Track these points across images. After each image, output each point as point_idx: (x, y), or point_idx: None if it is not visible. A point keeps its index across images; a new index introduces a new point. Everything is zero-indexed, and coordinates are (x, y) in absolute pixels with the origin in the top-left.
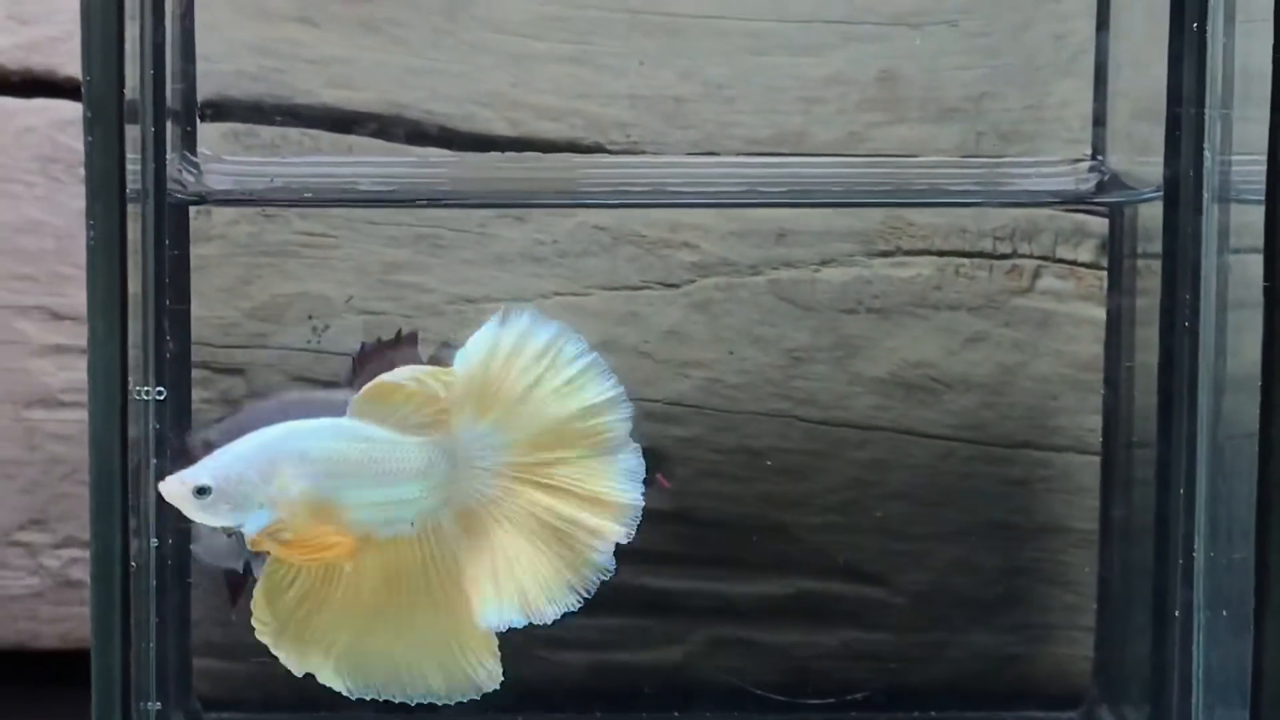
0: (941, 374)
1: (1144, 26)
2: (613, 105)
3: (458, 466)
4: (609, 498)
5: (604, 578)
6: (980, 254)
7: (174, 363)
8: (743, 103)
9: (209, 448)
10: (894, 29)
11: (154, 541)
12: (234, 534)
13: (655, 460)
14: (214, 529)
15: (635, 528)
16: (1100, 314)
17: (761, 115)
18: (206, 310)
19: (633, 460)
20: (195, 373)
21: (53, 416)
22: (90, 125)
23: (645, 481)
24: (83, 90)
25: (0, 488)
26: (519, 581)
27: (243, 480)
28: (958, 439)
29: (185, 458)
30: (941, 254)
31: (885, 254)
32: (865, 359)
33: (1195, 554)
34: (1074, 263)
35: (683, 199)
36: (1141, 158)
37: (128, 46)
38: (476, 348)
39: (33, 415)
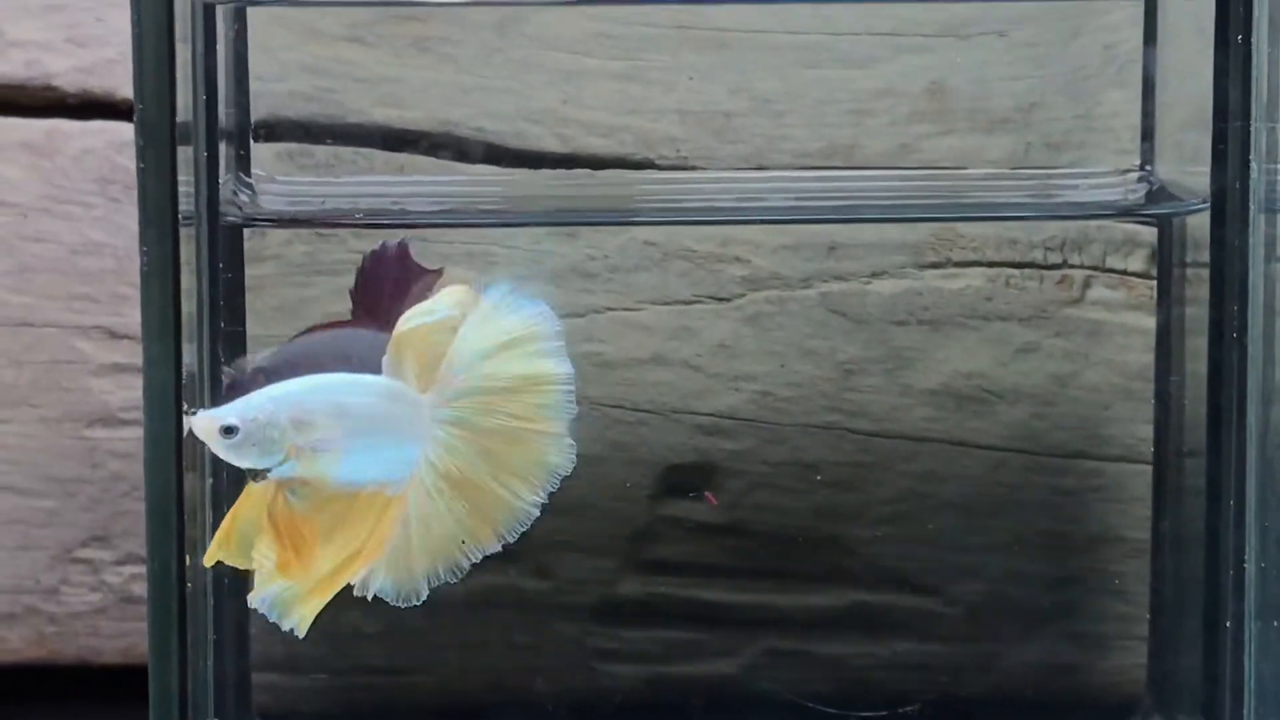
0: (993, 385)
1: (1191, 37)
2: (662, 120)
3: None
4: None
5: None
6: (1030, 265)
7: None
8: (792, 116)
9: (260, 376)
10: (943, 40)
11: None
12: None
13: (706, 473)
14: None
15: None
16: (1151, 323)
17: (811, 129)
18: (263, 330)
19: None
20: None
21: (113, 434)
22: (143, 151)
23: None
24: (135, 115)
25: (62, 505)
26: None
27: (271, 424)
28: (1010, 449)
29: (237, 389)
30: (992, 265)
31: (936, 266)
32: (917, 371)
33: (1246, 564)
34: (1124, 272)
35: (733, 215)
36: (1190, 167)
37: (179, 70)
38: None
39: (94, 433)
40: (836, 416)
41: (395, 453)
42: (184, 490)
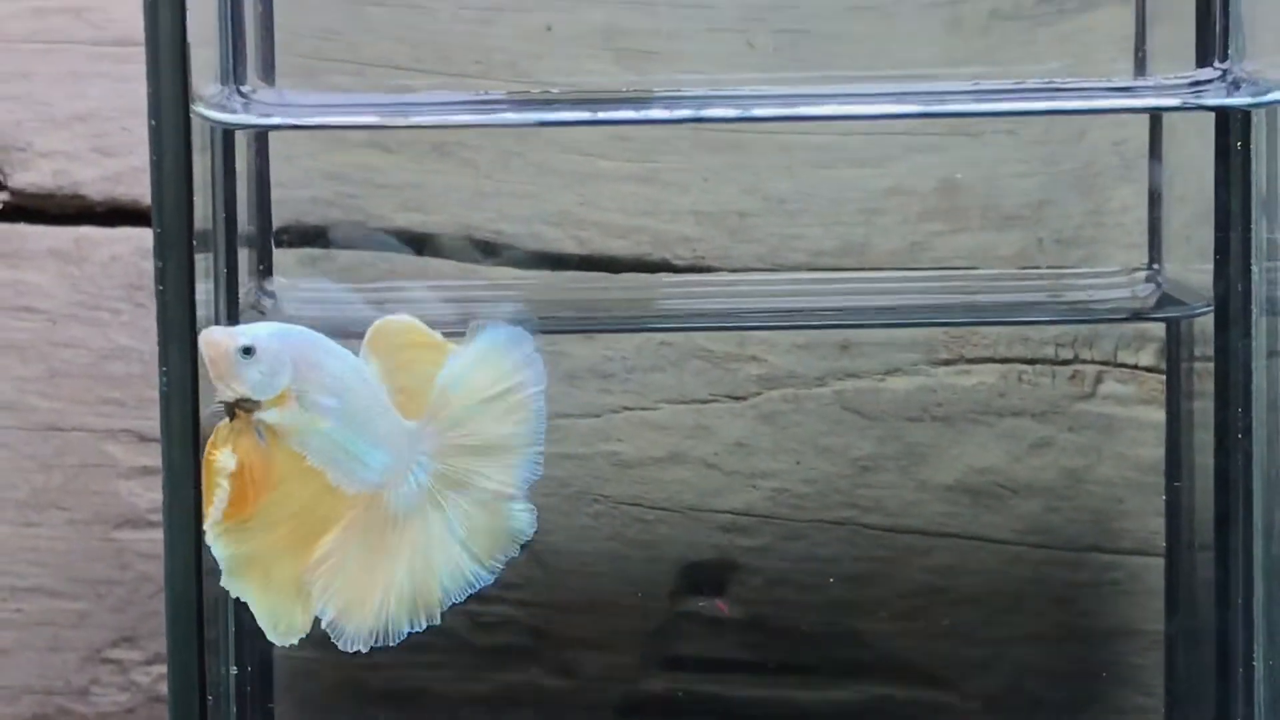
0: (1007, 480)
1: (1194, 138)
2: (678, 221)
3: (413, 454)
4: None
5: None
6: (1042, 360)
7: None
8: (806, 215)
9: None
10: (953, 139)
11: (234, 669)
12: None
13: (725, 571)
14: None
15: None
16: (1163, 417)
17: (825, 227)
18: None
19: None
20: None
21: (141, 536)
22: (161, 273)
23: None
24: (153, 233)
25: (91, 606)
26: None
27: (284, 350)
28: (1024, 544)
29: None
30: (1004, 361)
31: (948, 363)
32: (931, 466)
33: (1255, 662)
34: (1135, 367)
35: (749, 319)
36: (1198, 265)
37: (198, 178)
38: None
39: (122, 535)
40: (852, 512)
41: (372, 459)
42: (204, 600)
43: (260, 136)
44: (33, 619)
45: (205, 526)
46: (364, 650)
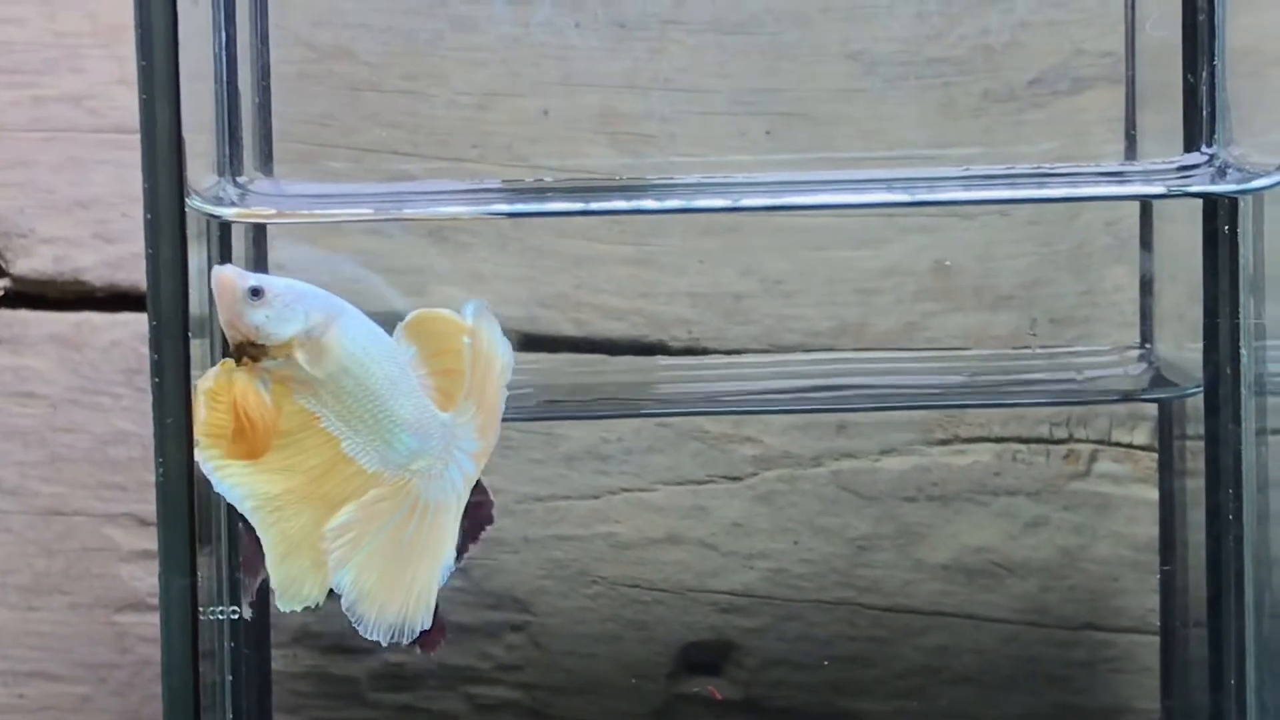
0: (1003, 559)
1: (1185, 222)
2: (674, 303)
3: (447, 448)
4: None
5: None
6: (1037, 440)
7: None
8: (801, 296)
9: None
10: (947, 219)
11: None
12: None
13: (723, 651)
14: None
15: None
16: (1158, 496)
17: (820, 308)
18: None
19: None
20: None
21: (142, 620)
22: (157, 365)
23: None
24: (149, 325)
25: (93, 690)
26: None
27: (297, 302)
28: (1021, 622)
29: None
30: (999, 440)
31: (944, 442)
32: (927, 546)
33: None
34: (1130, 446)
35: (745, 401)
36: (1190, 344)
37: (194, 267)
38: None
39: (123, 619)
40: (849, 592)
41: (398, 441)
42: (200, 691)
43: (258, 225)
44: (35, 704)
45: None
46: (384, 644)
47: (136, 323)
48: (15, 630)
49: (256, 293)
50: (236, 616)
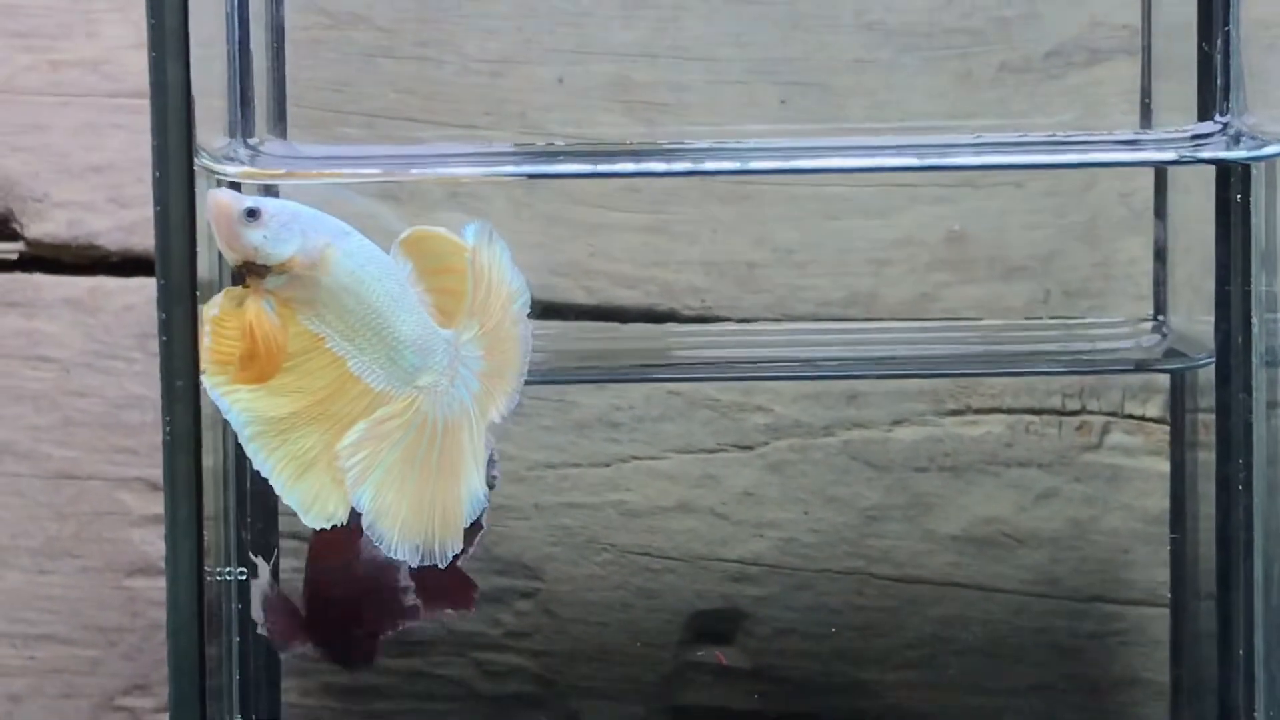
0: (1014, 530)
1: (1200, 191)
2: (687, 272)
3: (454, 361)
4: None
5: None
6: (1049, 411)
7: (256, 544)
8: (814, 266)
9: None
10: (961, 190)
11: (238, 718)
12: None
13: (732, 620)
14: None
15: None
16: (1169, 468)
17: (833, 278)
18: None
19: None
20: (286, 543)
21: (153, 584)
22: (165, 325)
23: None
24: (157, 285)
25: (103, 654)
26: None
27: (294, 221)
28: (1031, 594)
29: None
30: (1011, 412)
31: (956, 413)
32: (938, 517)
33: (1256, 713)
34: (1142, 418)
35: (757, 369)
36: (1203, 316)
37: (203, 229)
38: (493, 266)
39: (134, 583)
40: (860, 562)
41: (401, 358)
42: (205, 653)
43: (269, 187)
44: (45, 666)
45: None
46: (411, 564)
47: (150, 287)
48: (26, 593)
49: (253, 213)
50: (244, 578)
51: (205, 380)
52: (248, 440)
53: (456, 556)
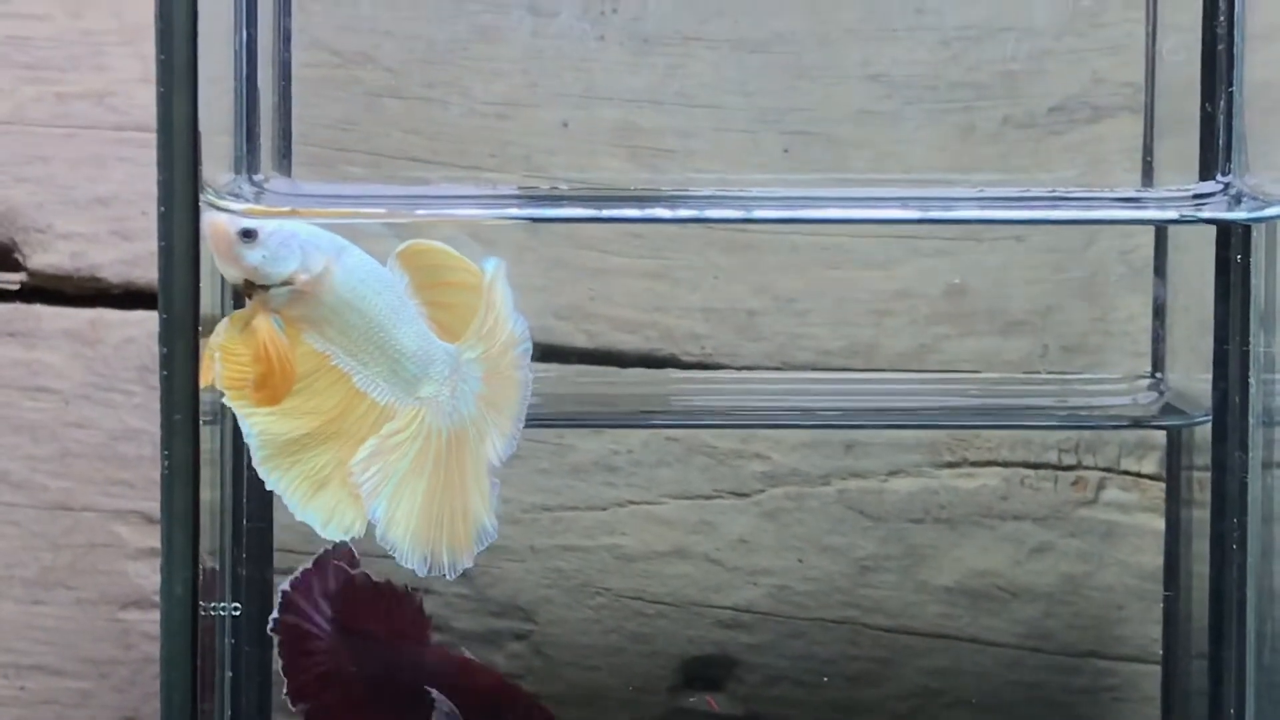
0: (1008, 583)
1: (1200, 249)
2: (687, 318)
3: (454, 375)
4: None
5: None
6: (1045, 465)
7: (251, 579)
8: (814, 315)
9: None
10: (961, 243)
11: None
12: None
13: (725, 667)
14: None
15: None
16: (1164, 525)
17: (832, 327)
18: (290, 518)
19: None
20: (279, 580)
21: (146, 617)
22: (166, 359)
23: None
24: (159, 319)
25: (95, 686)
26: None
27: (292, 239)
28: (1024, 648)
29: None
30: (1007, 465)
31: (952, 465)
32: (932, 568)
33: None
34: (1138, 474)
35: (755, 417)
36: (1200, 375)
37: (207, 265)
38: (499, 298)
39: (128, 616)
40: (853, 612)
41: (403, 368)
42: (199, 688)
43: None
44: (36, 697)
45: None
46: (420, 574)
47: (151, 320)
48: (19, 623)
49: (249, 234)
50: (238, 614)
51: (229, 400)
52: (260, 462)
53: None
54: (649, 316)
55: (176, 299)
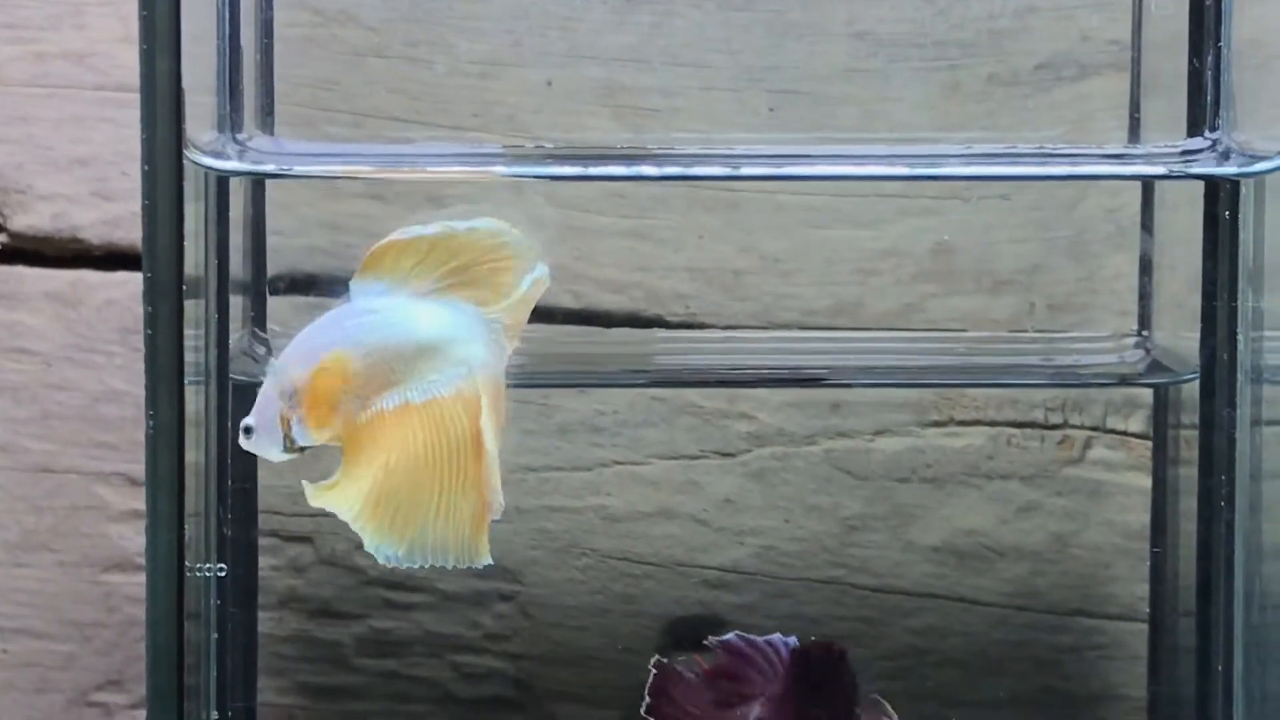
0: (994, 542)
1: (1187, 208)
2: (672, 278)
3: (489, 336)
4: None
5: None
6: (1032, 424)
7: (236, 541)
8: (800, 275)
9: None
10: (948, 203)
11: (214, 714)
12: None
13: (711, 627)
14: None
15: None
16: (1151, 484)
17: (818, 287)
18: (275, 479)
19: None
20: (264, 541)
21: (130, 580)
22: (150, 317)
23: None
24: (144, 278)
25: (78, 649)
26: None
27: (271, 422)
28: (1010, 606)
29: None
30: (994, 425)
31: (938, 424)
32: (919, 527)
33: None
34: (1125, 433)
35: (741, 376)
36: (1187, 333)
37: (191, 225)
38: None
39: (111, 578)
40: (840, 571)
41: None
42: (184, 648)
43: (257, 184)
44: (19, 660)
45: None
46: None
47: (133, 282)
48: (1, 586)
49: (248, 431)
50: (224, 574)
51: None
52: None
53: None
54: (634, 277)
55: (160, 257)
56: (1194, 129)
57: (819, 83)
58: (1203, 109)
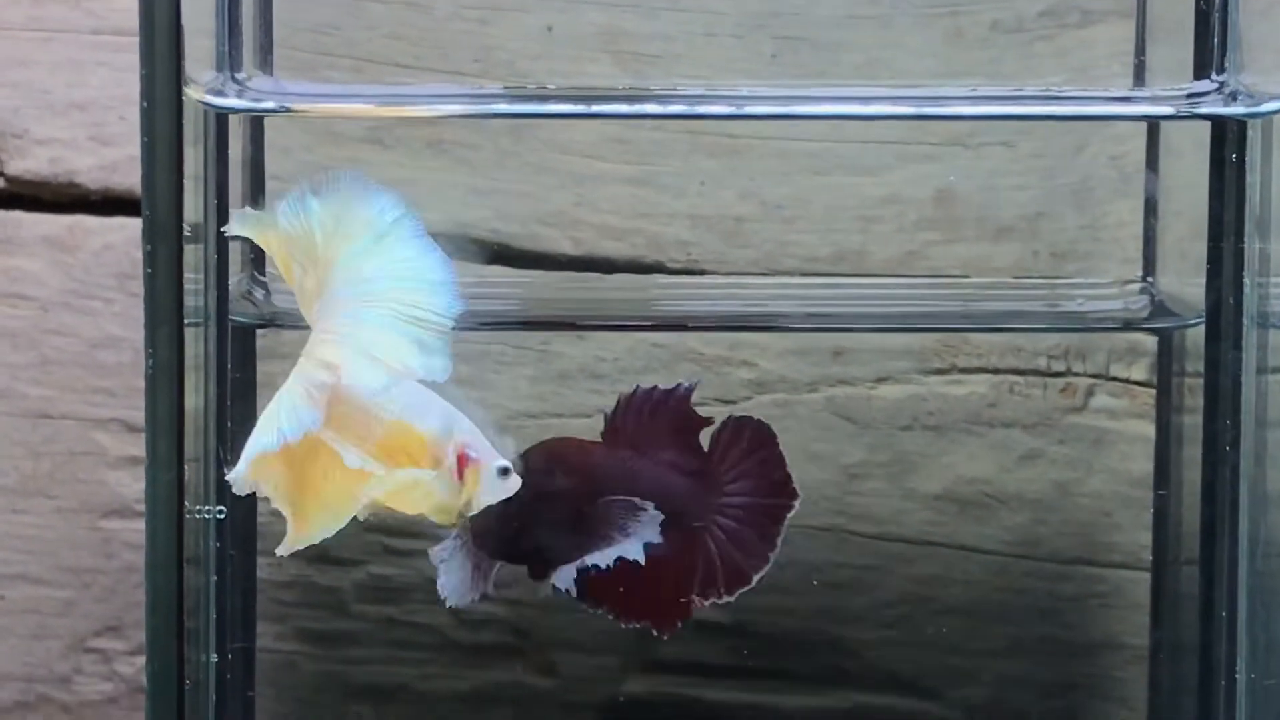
0: (996, 490)
1: (1192, 153)
2: (673, 224)
3: None
4: None
5: None
6: (1034, 372)
7: None
8: (801, 222)
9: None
10: (950, 149)
11: (213, 658)
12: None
13: None
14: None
15: None
16: (1154, 432)
17: (820, 234)
18: None
19: None
20: None
21: (128, 526)
22: (150, 257)
23: None
24: (143, 217)
25: (77, 595)
26: None
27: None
28: (1012, 555)
29: None
30: (996, 372)
31: (941, 372)
32: (920, 475)
33: (1237, 675)
34: (1127, 381)
35: (741, 322)
36: (1191, 279)
37: (190, 167)
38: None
39: (109, 525)
40: (840, 519)
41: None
42: (184, 590)
43: (255, 126)
44: (17, 606)
45: None
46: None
47: (130, 227)
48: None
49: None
50: (223, 516)
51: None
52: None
53: None
54: (635, 223)
55: (159, 199)
56: (1200, 72)
57: (822, 29)
58: (1209, 52)
